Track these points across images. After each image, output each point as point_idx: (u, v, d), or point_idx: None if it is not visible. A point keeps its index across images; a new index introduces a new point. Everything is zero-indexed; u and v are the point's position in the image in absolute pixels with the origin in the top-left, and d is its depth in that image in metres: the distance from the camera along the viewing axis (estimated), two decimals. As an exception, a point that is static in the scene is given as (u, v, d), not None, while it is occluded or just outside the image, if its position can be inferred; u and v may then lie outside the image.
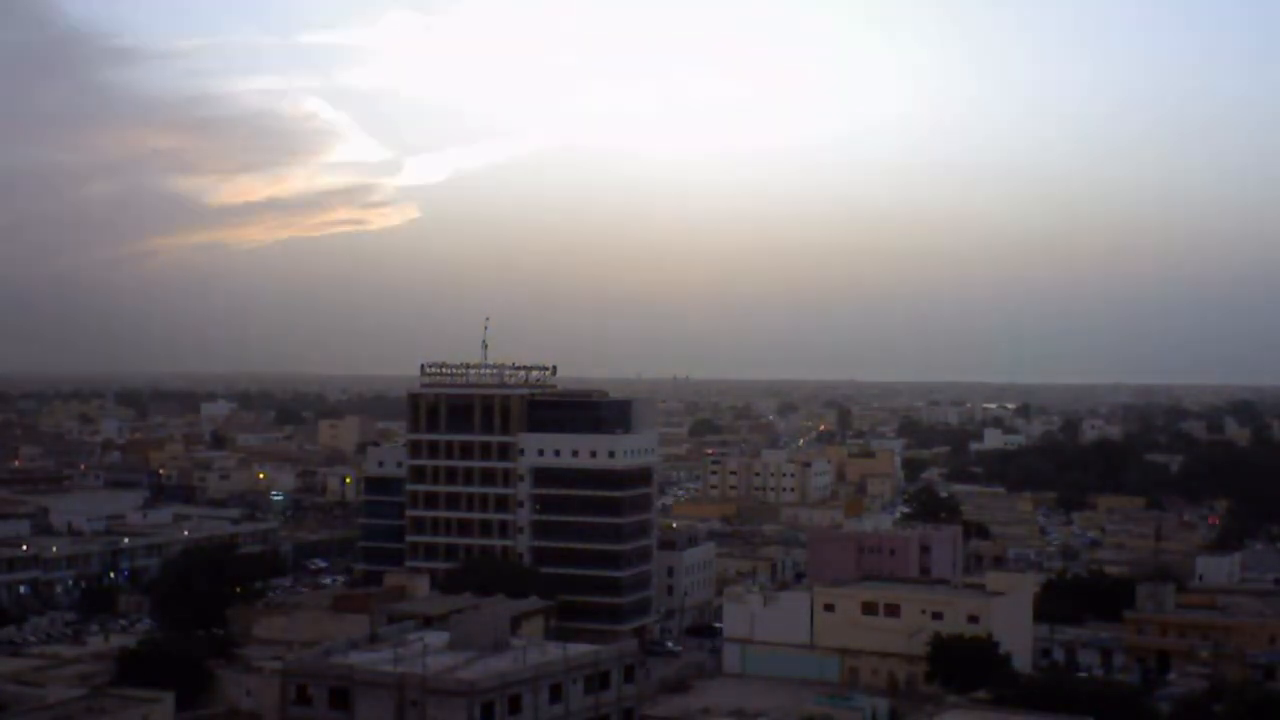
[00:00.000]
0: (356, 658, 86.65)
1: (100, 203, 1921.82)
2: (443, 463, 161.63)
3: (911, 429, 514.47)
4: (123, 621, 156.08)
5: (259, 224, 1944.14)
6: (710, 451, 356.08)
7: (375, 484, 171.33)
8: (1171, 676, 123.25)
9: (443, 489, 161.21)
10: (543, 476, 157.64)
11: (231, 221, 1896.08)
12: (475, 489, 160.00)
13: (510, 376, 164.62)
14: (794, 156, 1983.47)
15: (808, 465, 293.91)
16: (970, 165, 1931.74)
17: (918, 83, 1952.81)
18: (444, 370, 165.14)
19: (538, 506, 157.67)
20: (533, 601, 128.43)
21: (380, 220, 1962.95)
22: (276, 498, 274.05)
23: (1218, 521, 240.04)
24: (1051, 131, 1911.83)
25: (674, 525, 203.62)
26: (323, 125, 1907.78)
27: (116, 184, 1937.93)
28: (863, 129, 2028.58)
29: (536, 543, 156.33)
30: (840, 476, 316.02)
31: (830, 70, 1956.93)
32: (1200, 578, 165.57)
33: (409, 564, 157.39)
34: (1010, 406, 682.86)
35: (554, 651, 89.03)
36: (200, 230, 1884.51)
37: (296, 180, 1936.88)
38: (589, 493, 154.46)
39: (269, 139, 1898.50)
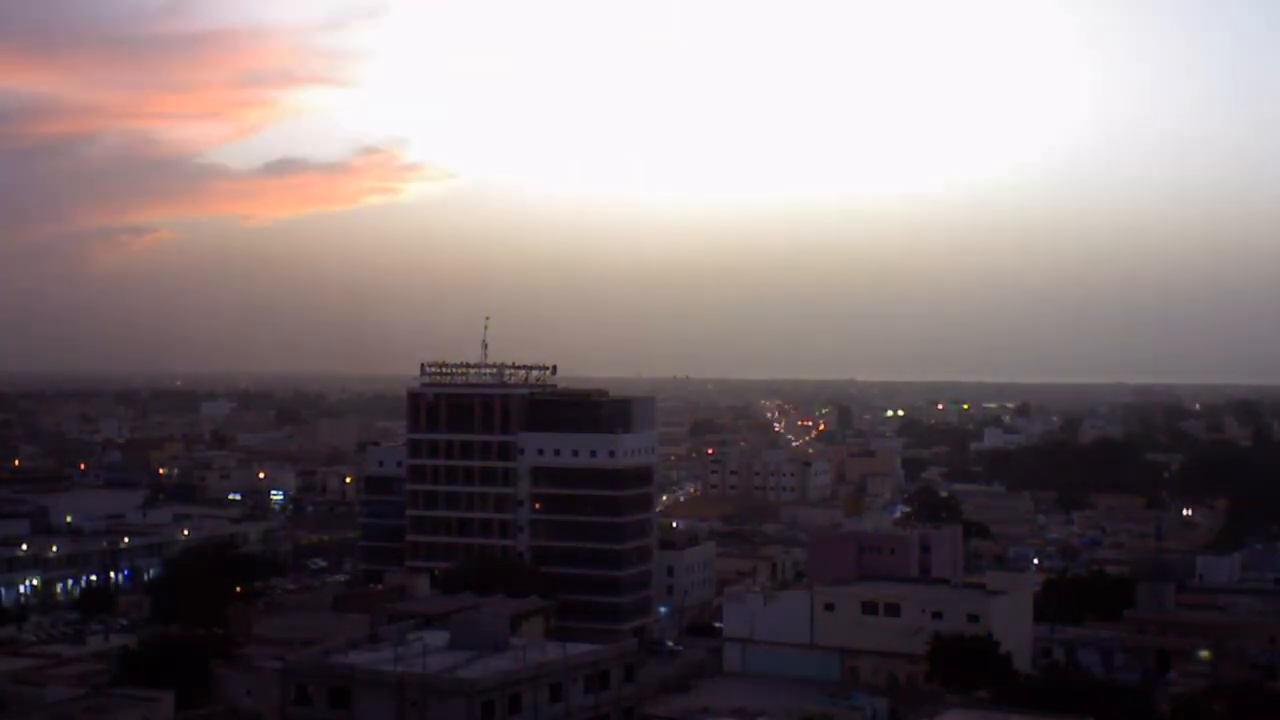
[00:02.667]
0: (356, 657, 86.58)
1: (58, 162, 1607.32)
2: (443, 462, 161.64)
3: (911, 429, 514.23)
4: (123, 621, 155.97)
5: (269, 193, 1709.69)
6: (710, 451, 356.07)
7: (375, 483, 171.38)
8: (1171, 676, 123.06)
9: (443, 488, 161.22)
10: (543, 476, 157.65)
11: (235, 189, 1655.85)
12: (475, 488, 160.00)
13: (510, 376, 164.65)
14: (796, 158, 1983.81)
15: (808, 465, 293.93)
16: (971, 166, 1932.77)
17: (923, 82, 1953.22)
18: (444, 369, 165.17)
19: (538, 506, 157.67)
20: (533, 601, 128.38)
21: (417, 187, 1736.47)
22: (277, 497, 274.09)
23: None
24: (1054, 133, 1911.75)
25: (674, 525, 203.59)
26: (353, 46, 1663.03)
27: (82, 133, 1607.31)
28: (862, 132, 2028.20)
29: (536, 542, 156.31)
30: (840, 476, 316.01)
31: (835, 72, 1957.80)
32: (1200, 577, 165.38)
33: (409, 564, 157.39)
34: (1010, 406, 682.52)
35: (554, 651, 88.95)
36: (206, 197, 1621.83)
37: (317, 127, 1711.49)
38: (589, 492, 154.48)
39: (281, 63, 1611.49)
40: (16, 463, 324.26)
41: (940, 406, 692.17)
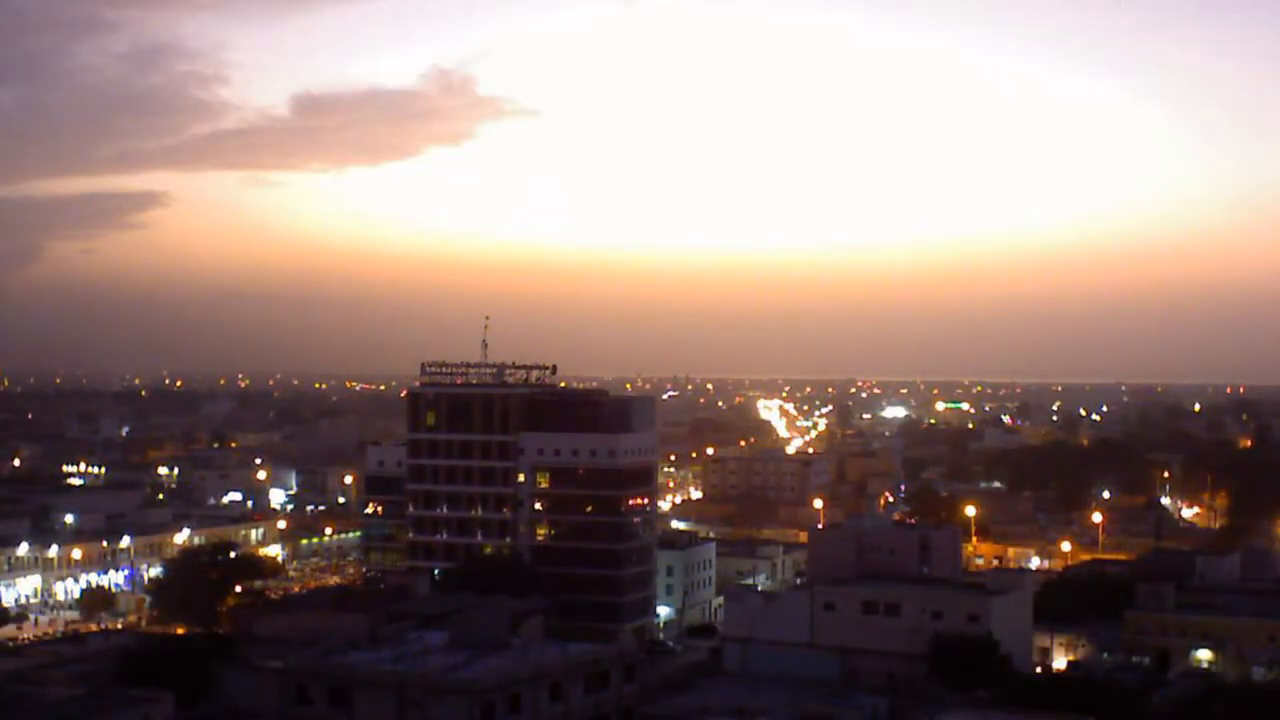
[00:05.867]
0: (356, 657, 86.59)
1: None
2: (442, 462, 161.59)
3: (911, 429, 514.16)
4: (123, 621, 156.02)
5: (301, 139, 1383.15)
6: (710, 451, 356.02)
7: (375, 483, 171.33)
8: (1171, 676, 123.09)
9: (443, 488, 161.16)
10: (543, 476, 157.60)
11: (250, 136, 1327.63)
12: (475, 488, 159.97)
13: (510, 376, 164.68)
14: (796, 156, 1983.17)
15: (808, 465, 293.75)
16: (973, 169, 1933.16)
17: (911, 128, 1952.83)
18: (444, 369, 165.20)
19: (538, 506, 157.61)
20: (533, 601, 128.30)
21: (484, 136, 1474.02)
22: (277, 497, 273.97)
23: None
24: (1056, 133, 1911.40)
25: (674, 525, 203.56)
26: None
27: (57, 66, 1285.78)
28: (864, 129, 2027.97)
29: (536, 542, 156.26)
30: (840, 476, 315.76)
31: (850, 109, 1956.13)
32: (1200, 577, 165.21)
33: (409, 564, 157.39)
34: (1010, 406, 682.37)
35: (554, 651, 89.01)
36: (213, 149, 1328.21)
37: (360, 53, 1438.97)
38: (589, 492, 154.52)
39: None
40: (17, 462, 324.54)
41: (940, 406, 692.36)
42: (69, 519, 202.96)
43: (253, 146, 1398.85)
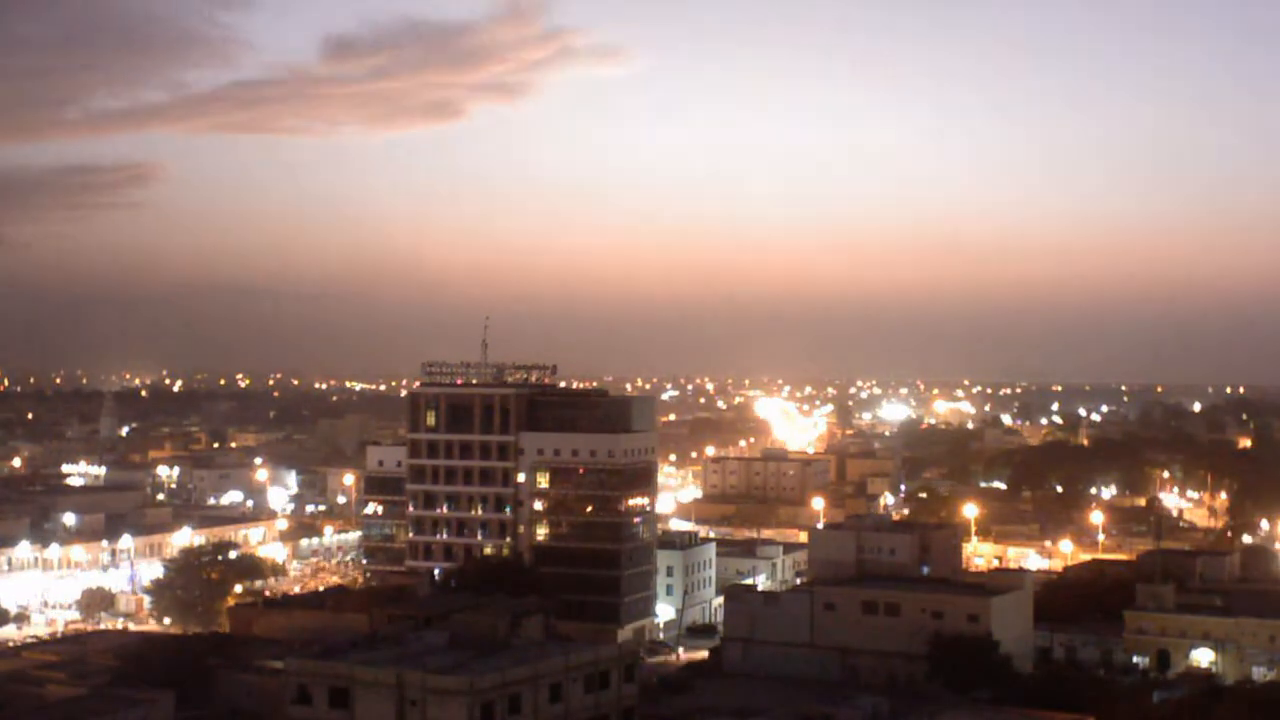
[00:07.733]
0: (356, 657, 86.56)
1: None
2: (442, 462, 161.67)
3: (911, 429, 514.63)
4: (123, 621, 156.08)
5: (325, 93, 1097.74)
6: (711, 452, 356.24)
7: (375, 483, 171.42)
8: (1171, 676, 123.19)
9: (443, 488, 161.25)
10: (543, 476, 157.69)
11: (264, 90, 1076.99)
12: (475, 488, 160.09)
13: (510, 376, 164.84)
14: (795, 157, 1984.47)
15: (808, 465, 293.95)
16: (969, 165, 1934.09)
17: (912, 85, 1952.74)
18: (444, 369, 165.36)
19: (538, 506, 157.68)
20: (533, 601, 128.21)
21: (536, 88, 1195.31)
22: (277, 497, 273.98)
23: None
24: (1053, 131, 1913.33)
25: (674, 525, 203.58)
26: None
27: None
28: (865, 128, 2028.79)
29: (537, 542, 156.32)
30: (840, 476, 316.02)
31: (825, 70, 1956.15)
32: (1200, 577, 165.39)
33: (409, 564, 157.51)
34: (1011, 406, 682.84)
35: (554, 651, 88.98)
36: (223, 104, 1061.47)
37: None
38: (589, 492, 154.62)
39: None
40: (17, 463, 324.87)
41: (940, 406, 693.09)
42: (69, 519, 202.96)
43: (266, 100, 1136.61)
